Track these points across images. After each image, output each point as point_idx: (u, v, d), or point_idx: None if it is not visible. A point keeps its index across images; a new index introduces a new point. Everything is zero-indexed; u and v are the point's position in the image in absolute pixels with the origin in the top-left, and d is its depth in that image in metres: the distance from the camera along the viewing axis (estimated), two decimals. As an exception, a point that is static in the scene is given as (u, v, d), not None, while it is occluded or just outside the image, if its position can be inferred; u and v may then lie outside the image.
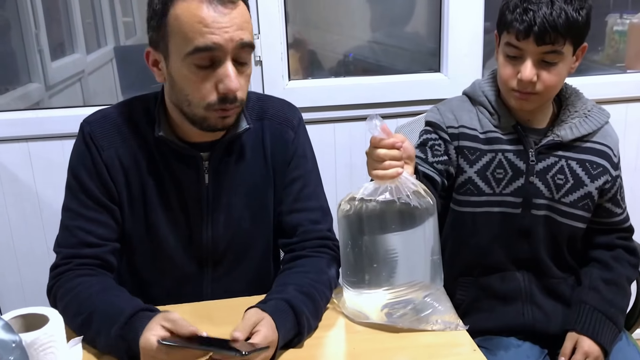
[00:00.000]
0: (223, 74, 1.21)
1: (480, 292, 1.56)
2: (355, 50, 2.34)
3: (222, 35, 1.17)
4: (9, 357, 0.76)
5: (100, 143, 1.32)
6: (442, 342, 1.23)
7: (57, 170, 2.03)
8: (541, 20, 1.34)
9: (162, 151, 1.34)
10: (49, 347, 0.95)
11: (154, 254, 1.39)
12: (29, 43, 2.25)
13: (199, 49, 1.18)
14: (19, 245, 2.13)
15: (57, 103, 2.39)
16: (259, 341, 1.09)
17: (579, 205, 1.50)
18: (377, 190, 1.20)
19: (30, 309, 1.00)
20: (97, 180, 1.32)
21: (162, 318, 1.11)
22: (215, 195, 1.37)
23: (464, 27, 2.15)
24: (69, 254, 1.31)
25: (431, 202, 1.23)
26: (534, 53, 1.39)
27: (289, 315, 1.18)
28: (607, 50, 2.50)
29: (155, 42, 1.25)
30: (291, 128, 1.43)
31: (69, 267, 1.30)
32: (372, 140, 1.21)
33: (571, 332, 1.48)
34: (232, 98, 1.23)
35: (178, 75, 1.23)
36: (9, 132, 2.04)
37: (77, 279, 1.27)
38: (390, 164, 1.18)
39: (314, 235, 1.41)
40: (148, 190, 1.35)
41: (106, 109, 1.38)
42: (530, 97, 1.43)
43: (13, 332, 0.80)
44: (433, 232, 1.26)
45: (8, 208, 2.10)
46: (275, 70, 2.08)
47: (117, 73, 2.50)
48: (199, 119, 1.26)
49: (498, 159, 1.50)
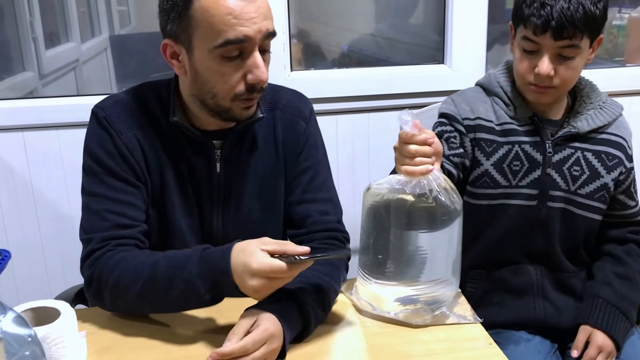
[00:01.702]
0: (252, 65, 1.20)
1: (491, 285, 1.56)
2: (357, 43, 2.33)
3: (251, 26, 1.16)
4: (25, 351, 0.73)
5: (118, 127, 1.30)
6: (457, 337, 1.22)
7: (52, 160, 2.03)
8: (559, 15, 1.33)
9: (175, 137, 1.33)
10: (61, 342, 0.92)
11: (166, 239, 1.36)
12: (24, 31, 2.23)
13: (229, 41, 1.16)
14: (11, 235, 2.10)
15: (50, 92, 2.37)
16: (259, 334, 1.07)
17: (595, 196, 1.50)
18: (407, 182, 1.20)
19: (40, 302, 0.98)
20: (121, 162, 1.29)
21: (258, 242, 1.13)
22: (226, 184, 1.36)
23: (469, 18, 2.14)
24: (104, 237, 1.26)
25: (459, 201, 1.23)
26: (551, 48, 1.38)
27: (292, 307, 1.17)
28: (606, 45, 2.51)
29: (175, 34, 1.21)
30: (303, 119, 1.42)
31: (107, 249, 1.25)
32: (402, 135, 1.19)
33: (584, 325, 1.48)
34: (259, 88, 1.23)
35: (204, 67, 1.21)
36: (4, 121, 2.00)
37: (121, 254, 1.23)
38: (420, 160, 1.17)
39: (322, 227, 1.40)
40: (165, 175, 1.33)
41: (117, 94, 1.36)
42: (547, 90, 1.43)
43: (28, 326, 0.77)
44: (458, 232, 1.26)
45: (1, 198, 2.07)
46: (278, 60, 2.06)
47: (112, 62, 2.48)
48: (223, 110, 1.25)
49: (515, 150, 1.49)
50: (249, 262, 1.10)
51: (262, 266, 1.09)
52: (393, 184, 1.21)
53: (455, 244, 1.27)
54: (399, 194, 1.19)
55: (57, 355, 0.91)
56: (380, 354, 1.18)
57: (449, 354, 1.17)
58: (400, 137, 1.19)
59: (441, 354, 1.17)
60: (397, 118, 1.20)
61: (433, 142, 1.19)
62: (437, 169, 1.21)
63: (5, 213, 2.08)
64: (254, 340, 1.07)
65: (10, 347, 0.72)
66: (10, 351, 0.72)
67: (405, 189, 1.19)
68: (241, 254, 1.12)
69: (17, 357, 0.72)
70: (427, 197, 1.18)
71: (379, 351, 1.18)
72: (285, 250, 1.11)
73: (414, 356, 1.16)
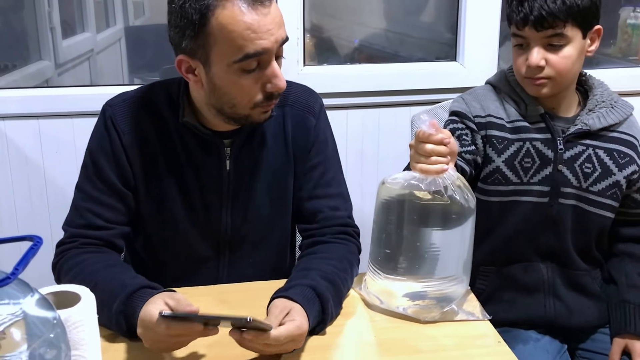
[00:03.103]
0: (271, 74, 1.22)
1: (501, 282, 1.56)
2: (369, 38, 2.33)
3: (269, 38, 1.18)
4: (50, 333, 0.75)
5: (121, 127, 1.32)
6: (465, 334, 1.23)
7: (66, 149, 2.04)
8: (538, 6, 1.38)
9: (183, 137, 1.34)
10: (81, 325, 0.94)
11: (168, 237, 1.39)
12: (41, 21, 2.24)
13: (249, 55, 1.17)
14: (21, 221, 2.12)
15: (65, 81, 2.39)
16: (293, 330, 1.08)
17: (607, 194, 1.50)
18: (423, 179, 1.21)
19: (62, 287, 0.99)
20: (114, 166, 1.33)
21: (166, 295, 1.10)
22: (236, 182, 1.37)
23: (481, 16, 2.15)
24: (75, 233, 1.32)
25: (473, 200, 1.24)
26: (537, 39, 1.42)
27: (315, 303, 1.18)
28: (620, 44, 2.51)
29: (191, 50, 1.21)
30: (312, 115, 1.43)
31: (74, 245, 1.31)
32: (419, 134, 1.20)
33: (619, 337, 1.49)
34: (277, 94, 1.25)
35: (223, 81, 1.22)
36: (20, 109, 2.02)
37: (82, 255, 1.28)
38: (436, 159, 1.19)
39: (333, 222, 1.41)
40: (167, 176, 1.35)
41: (128, 92, 1.38)
42: (543, 82, 1.45)
43: (52, 309, 0.79)
44: (471, 230, 1.27)
45: (14, 185, 2.09)
46: (291, 55, 2.07)
47: (126, 53, 2.50)
48: (242, 117, 1.28)
49: (526, 147, 1.50)
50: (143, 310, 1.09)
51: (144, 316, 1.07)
52: (408, 179, 1.22)
53: (467, 242, 1.27)
54: (414, 190, 1.20)
55: (77, 338, 0.93)
56: (388, 348, 1.19)
57: (458, 350, 1.18)
58: (417, 136, 1.20)
59: (450, 350, 1.18)
60: (415, 117, 1.21)
61: (449, 142, 1.20)
62: (452, 168, 1.22)
63: (17, 198, 2.10)
64: (289, 335, 1.08)
65: (35, 329, 0.74)
66: (36, 333, 0.74)
67: (420, 186, 1.20)
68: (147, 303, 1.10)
69: (42, 340, 0.74)
70: (442, 195, 1.19)
71: (387, 345, 1.19)
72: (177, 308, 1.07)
73: (422, 351, 1.17)
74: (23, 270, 0.73)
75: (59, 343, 0.77)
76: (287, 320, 1.10)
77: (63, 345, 0.78)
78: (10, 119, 2.02)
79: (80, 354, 0.95)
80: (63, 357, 0.77)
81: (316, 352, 1.16)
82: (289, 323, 1.09)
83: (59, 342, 0.77)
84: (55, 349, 0.76)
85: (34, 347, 0.73)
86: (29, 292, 0.76)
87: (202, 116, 1.33)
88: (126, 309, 1.13)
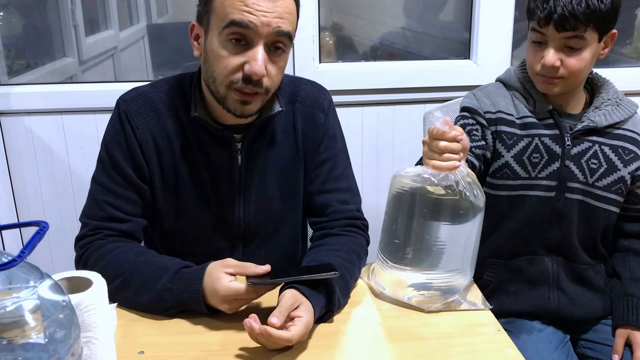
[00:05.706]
0: (252, 56, 1.22)
1: (508, 274, 1.58)
2: (389, 36, 2.34)
3: (259, 17, 1.20)
4: (60, 315, 0.80)
5: (135, 122, 1.35)
6: (468, 322, 1.25)
7: (89, 144, 2.09)
8: (561, 7, 1.37)
9: (196, 131, 1.36)
10: (93, 309, 0.98)
11: (184, 231, 1.42)
12: (65, 18, 2.27)
13: (234, 22, 1.20)
14: (50, 216, 2.17)
15: (89, 78, 2.42)
16: (300, 329, 1.11)
17: (613, 189, 1.52)
18: (435, 174, 1.22)
19: (75, 272, 1.04)
20: (129, 159, 1.35)
21: (222, 265, 1.21)
22: (247, 176, 1.39)
23: (495, 15, 2.16)
24: (98, 225, 1.35)
25: (482, 197, 1.25)
26: (556, 39, 1.42)
27: (322, 294, 1.21)
28: (636, 43, 2.49)
29: (200, 16, 1.28)
30: (322, 111, 1.45)
31: (98, 237, 1.33)
32: (432, 131, 1.21)
33: (622, 328, 1.50)
34: (255, 81, 1.24)
35: (211, 49, 1.26)
36: (44, 105, 2.08)
37: (110, 245, 1.31)
38: (448, 156, 1.20)
39: (343, 215, 1.44)
40: (180, 170, 1.37)
41: (142, 87, 1.40)
42: (555, 81, 1.46)
43: (63, 292, 0.83)
44: (478, 227, 1.28)
45: (41, 179, 2.15)
46: (306, 52, 2.10)
47: (149, 50, 2.53)
48: (221, 98, 1.29)
49: (534, 143, 1.51)
50: (216, 287, 1.18)
51: (229, 292, 1.17)
52: (421, 173, 1.23)
53: (474, 238, 1.29)
54: (426, 184, 1.22)
55: (89, 321, 0.98)
56: (394, 334, 1.21)
57: (460, 338, 1.20)
58: (431, 133, 1.21)
59: (453, 337, 1.20)
60: (428, 114, 1.21)
61: (462, 139, 1.21)
62: (463, 164, 1.23)
63: (44, 191, 2.16)
64: (301, 337, 1.11)
65: (46, 311, 0.78)
66: (47, 314, 0.78)
67: (433, 180, 1.21)
68: (208, 278, 1.19)
69: (52, 319, 0.78)
70: (453, 190, 1.21)
71: (393, 332, 1.22)
72: (244, 272, 1.20)
73: (426, 338, 1.20)
74: (30, 253, 0.77)
75: (69, 324, 0.81)
76: (295, 315, 1.13)
77: (73, 326, 0.82)
78: (35, 114, 2.08)
79: (92, 335, 1.00)
80: (73, 337, 0.81)
81: (322, 338, 1.19)
82: (299, 324, 1.11)
83: (69, 323, 0.81)
84: (65, 329, 0.80)
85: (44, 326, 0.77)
86: (42, 278, 0.80)
87: (213, 111, 1.36)
88: (173, 286, 1.22)
